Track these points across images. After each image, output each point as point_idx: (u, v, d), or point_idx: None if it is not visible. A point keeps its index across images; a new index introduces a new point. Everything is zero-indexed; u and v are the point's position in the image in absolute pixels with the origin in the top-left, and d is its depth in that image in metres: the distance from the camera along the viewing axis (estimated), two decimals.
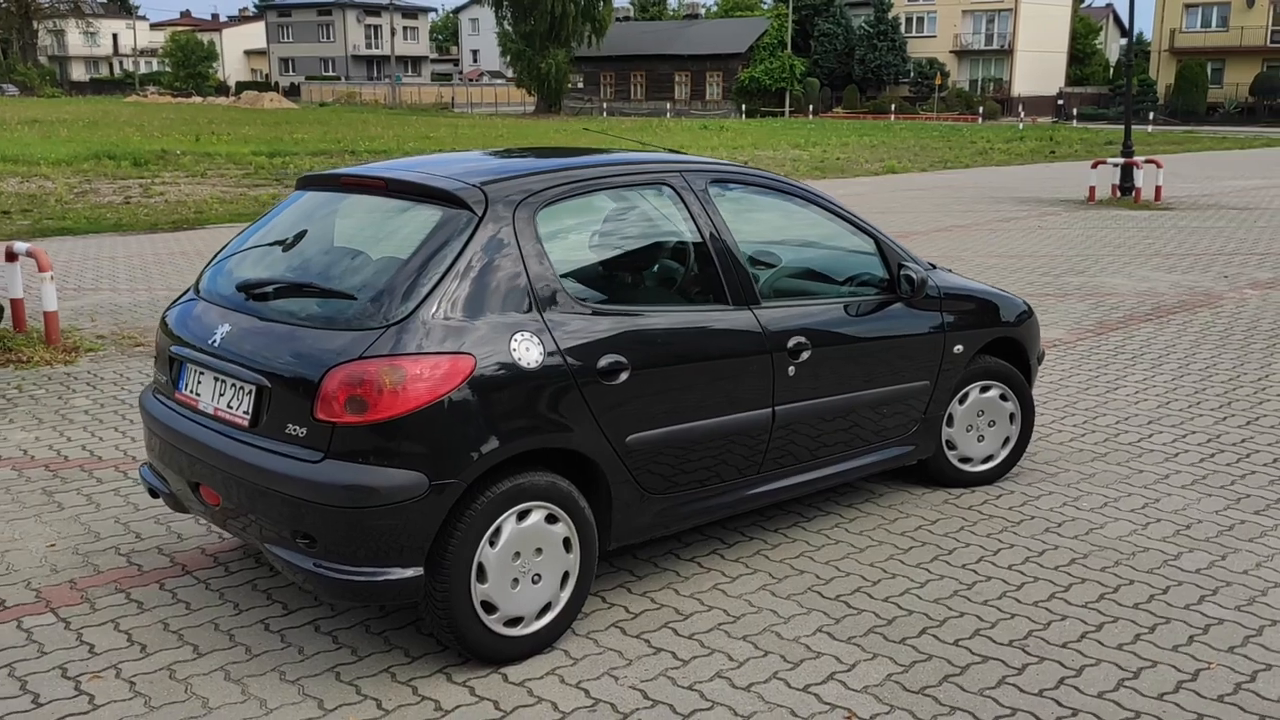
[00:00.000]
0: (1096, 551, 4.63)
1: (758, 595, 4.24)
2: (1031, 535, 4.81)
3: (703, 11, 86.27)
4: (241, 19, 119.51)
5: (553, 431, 3.69)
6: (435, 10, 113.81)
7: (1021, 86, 68.62)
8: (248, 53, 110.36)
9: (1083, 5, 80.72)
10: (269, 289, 3.87)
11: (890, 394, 4.83)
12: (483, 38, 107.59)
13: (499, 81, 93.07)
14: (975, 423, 5.34)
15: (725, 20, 79.15)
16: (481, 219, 3.71)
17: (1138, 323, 9.28)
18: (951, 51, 70.66)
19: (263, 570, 4.45)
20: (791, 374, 4.38)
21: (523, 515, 3.66)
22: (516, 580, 3.67)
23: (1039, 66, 69.97)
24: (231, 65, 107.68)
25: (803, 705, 3.48)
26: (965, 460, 5.36)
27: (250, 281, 3.95)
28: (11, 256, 8.38)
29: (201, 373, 3.88)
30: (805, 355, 4.41)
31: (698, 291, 4.27)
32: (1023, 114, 60.88)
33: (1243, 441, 6.07)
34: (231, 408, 3.72)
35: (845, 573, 4.44)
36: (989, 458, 5.41)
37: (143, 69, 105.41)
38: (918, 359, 4.93)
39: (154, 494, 4.28)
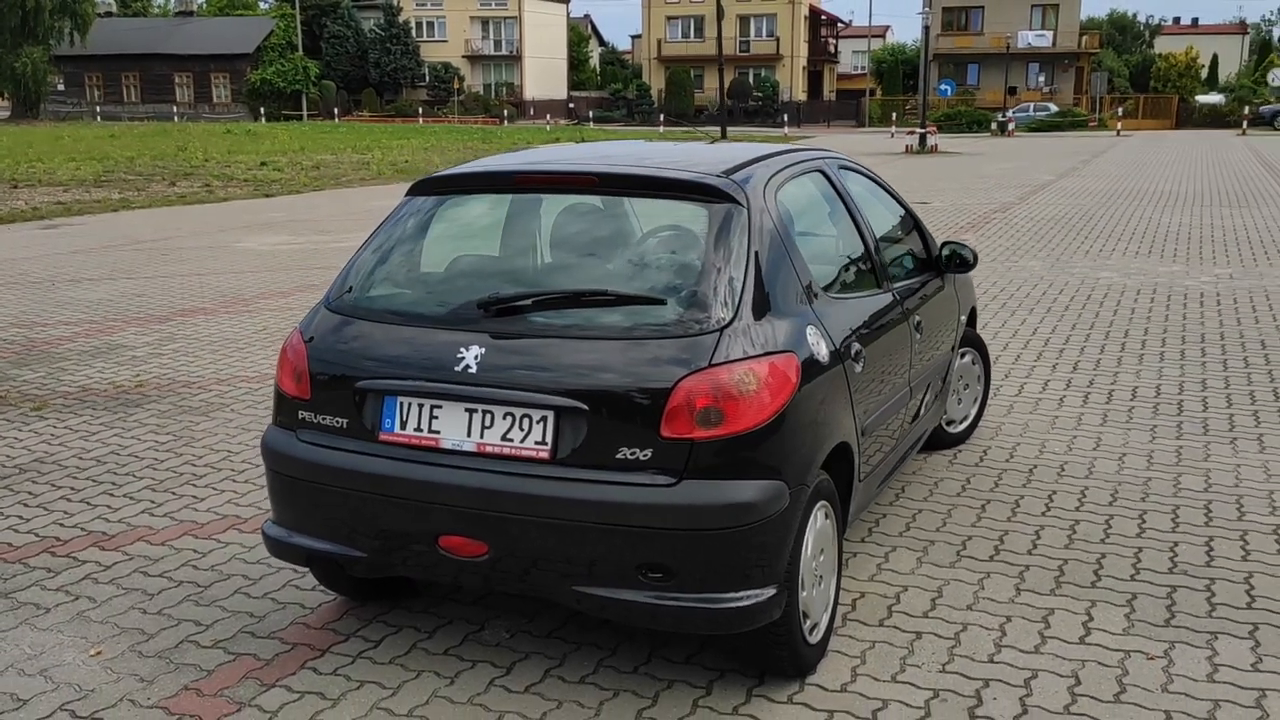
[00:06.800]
0: (1120, 487, 5.21)
1: (925, 569, 4.31)
2: (1053, 482, 5.29)
3: (196, 9, 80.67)
4: None
5: (839, 425, 3.55)
6: None
7: (532, 91, 71.80)
8: None
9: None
10: (527, 301, 3.31)
11: (941, 362, 5.10)
12: None
13: None
14: (957, 386, 5.76)
15: (226, 19, 74.74)
16: (749, 210, 3.46)
17: None
18: (464, 56, 72.20)
19: (411, 631, 3.80)
20: (916, 350, 4.52)
21: (815, 516, 3.49)
22: (814, 585, 3.50)
23: (545, 72, 73.61)
24: None
25: (1100, 655, 3.63)
26: (950, 422, 5.78)
27: (501, 295, 3.33)
28: None
29: (437, 406, 3.25)
30: (919, 333, 4.56)
31: (866, 274, 4.26)
32: (550, 117, 63.84)
33: (1097, 369, 7.04)
34: (512, 440, 3.16)
35: (965, 536, 4.63)
36: (965, 418, 5.86)
37: None
38: (950, 329, 5.25)
39: (309, 561, 3.52)
